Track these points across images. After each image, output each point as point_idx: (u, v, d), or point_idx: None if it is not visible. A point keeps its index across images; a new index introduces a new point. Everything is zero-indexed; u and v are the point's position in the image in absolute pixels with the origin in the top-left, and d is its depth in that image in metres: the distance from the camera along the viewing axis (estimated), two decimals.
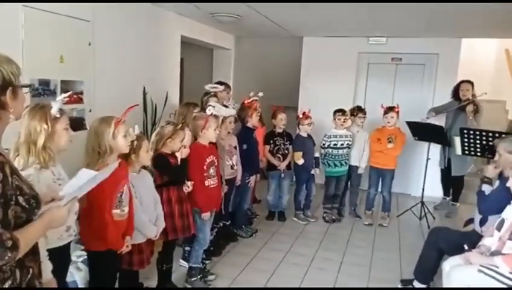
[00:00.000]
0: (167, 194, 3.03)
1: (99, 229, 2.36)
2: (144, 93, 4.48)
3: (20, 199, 1.39)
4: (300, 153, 4.89)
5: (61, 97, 2.07)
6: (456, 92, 5.37)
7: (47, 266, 1.73)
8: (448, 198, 5.69)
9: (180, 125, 3.09)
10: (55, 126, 1.98)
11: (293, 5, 4.22)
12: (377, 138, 5.01)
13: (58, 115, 1.98)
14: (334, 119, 4.96)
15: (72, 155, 2.21)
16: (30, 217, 1.43)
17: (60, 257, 2.12)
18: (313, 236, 4.69)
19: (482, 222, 3.22)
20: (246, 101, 4.48)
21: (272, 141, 4.91)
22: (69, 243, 2.23)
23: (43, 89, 3.24)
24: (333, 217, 5.16)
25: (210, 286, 3.43)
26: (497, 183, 3.20)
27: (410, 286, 3.46)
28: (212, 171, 3.33)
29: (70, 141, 2.10)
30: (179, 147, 3.07)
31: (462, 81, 5.34)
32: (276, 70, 7.23)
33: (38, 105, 2.00)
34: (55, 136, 2.00)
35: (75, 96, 3.56)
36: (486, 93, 5.04)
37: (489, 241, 2.82)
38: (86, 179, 1.65)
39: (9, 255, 1.27)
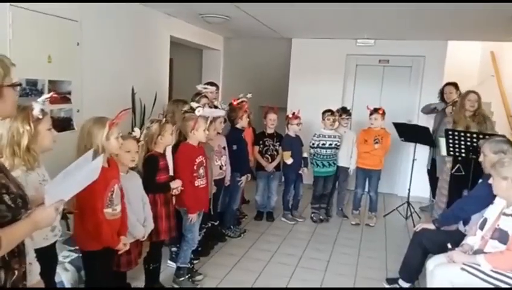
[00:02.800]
0: (153, 196, 3.03)
1: (93, 228, 2.37)
2: (133, 94, 4.48)
3: (6, 197, 1.37)
4: (289, 153, 4.93)
5: (42, 98, 2.05)
6: (442, 94, 5.47)
7: (35, 268, 1.72)
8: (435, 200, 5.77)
9: (164, 119, 3.10)
10: (37, 127, 1.97)
11: (282, 7, 4.25)
12: (364, 139, 5.06)
13: (40, 116, 1.97)
14: (323, 120, 5.01)
15: (58, 155, 2.21)
16: (16, 216, 1.41)
17: (46, 257, 2.12)
18: (301, 236, 4.72)
19: (466, 222, 3.29)
20: (234, 102, 4.50)
21: (261, 142, 4.94)
22: (54, 243, 2.23)
23: (31, 89, 3.22)
24: (321, 217, 5.21)
25: (198, 286, 3.44)
26: (479, 181, 3.28)
27: (396, 285, 3.51)
28: (201, 171, 3.34)
29: (54, 141, 2.09)
30: (171, 140, 3.10)
31: (446, 84, 5.45)
32: (265, 71, 7.27)
33: (19, 107, 1.93)
34: (38, 137, 1.98)
35: (62, 96, 3.55)
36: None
37: (472, 240, 2.88)
38: (72, 177, 1.64)
39: None
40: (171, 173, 3.24)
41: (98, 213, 2.34)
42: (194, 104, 3.54)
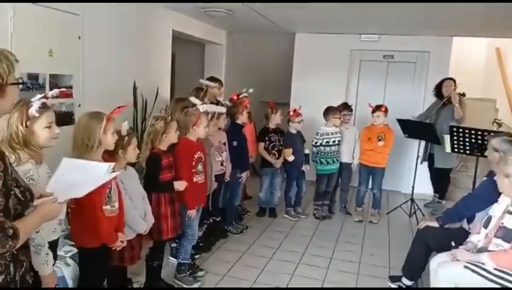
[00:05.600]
0: (157, 195, 3.02)
1: (92, 225, 2.35)
2: (134, 88, 4.45)
3: (17, 190, 1.42)
4: (291, 150, 4.89)
5: (38, 97, 1.98)
6: (438, 90, 5.41)
7: (51, 258, 1.80)
8: (437, 195, 5.74)
9: (170, 117, 3.08)
10: (32, 126, 1.93)
11: (286, 2, 4.21)
12: (367, 137, 5.02)
13: (37, 115, 1.92)
14: (329, 119, 4.92)
15: (59, 149, 2.19)
16: (24, 209, 1.46)
17: (53, 250, 2.13)
18: (304, 233, 4.70)
19: (470, 219, 3.26)
20: (234, 97, 4.47)
21: (267, 138, 4.88)
22: (58, 238, 2.24)
23: (32, 83, 3.20)
24: (323, 214, 5.18)
25: (199, 282, 3.42)
26: (484, 178, 3.25)
27: (399, 283, 3.49)
28: (200, 167, 3.32)
29: (55, 138, 2.04)
30: (176, 137, 3.08)
31: (445, 79, 5.40)
32: (268, 66, 7.21)
33: (20, 102, 1.90)
34: (33, 135, 1.94)
35: (63, 90, 3.52)
36: None
37: (476, 238, 2.85)
38: (74, 172, 1.66)
39: (10, 243, 1.30)
40: None
41: (96, 210, 2.33)
42: (196, 101, 3.50)
